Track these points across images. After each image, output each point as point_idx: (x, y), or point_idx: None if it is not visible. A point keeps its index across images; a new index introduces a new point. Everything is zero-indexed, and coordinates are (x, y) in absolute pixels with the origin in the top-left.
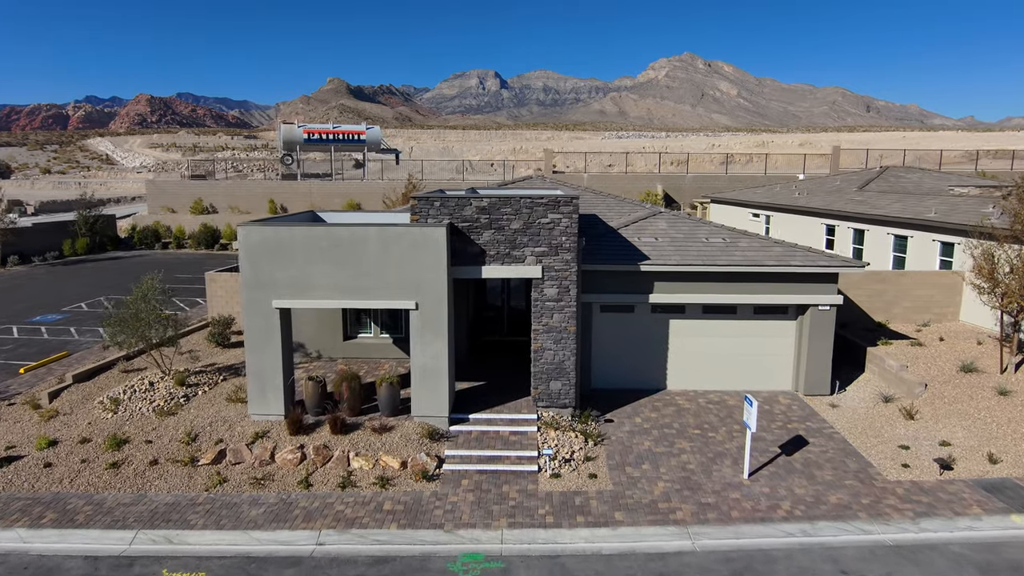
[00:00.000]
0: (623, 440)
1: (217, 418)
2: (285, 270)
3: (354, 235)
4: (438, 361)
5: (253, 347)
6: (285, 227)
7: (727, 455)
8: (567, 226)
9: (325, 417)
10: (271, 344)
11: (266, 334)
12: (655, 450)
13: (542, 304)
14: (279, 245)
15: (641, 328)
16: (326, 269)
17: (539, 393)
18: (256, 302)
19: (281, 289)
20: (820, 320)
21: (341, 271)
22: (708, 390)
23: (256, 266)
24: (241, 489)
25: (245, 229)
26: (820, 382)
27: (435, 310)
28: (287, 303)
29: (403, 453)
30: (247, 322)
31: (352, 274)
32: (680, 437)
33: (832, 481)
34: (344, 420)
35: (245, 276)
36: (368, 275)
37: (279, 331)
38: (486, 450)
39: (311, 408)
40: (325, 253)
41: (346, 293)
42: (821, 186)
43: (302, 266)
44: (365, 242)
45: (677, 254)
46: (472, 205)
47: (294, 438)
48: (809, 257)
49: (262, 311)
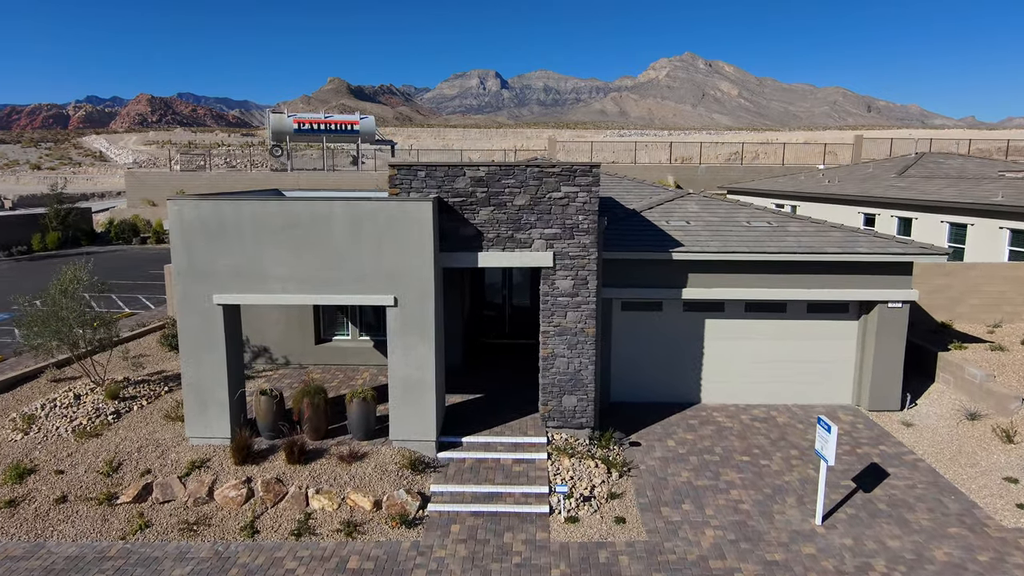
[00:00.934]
0: (655, 470)
1: (149, 441)
2: (229, 257)
3: (315, 212)
4: (423, 371)
5: (190, 354)
6: (228, 202)
7: (788, 490)
8: (585, 201)
9: (281, 441)
10: (212, 350)
11: (206, 337)
12: (696, 483)
13: (553, 300)
14: (221, 225)
15: (671, 330)
16: (281, 255)
17: (549, 410)
18: (192, 297)
19: (224, 281)
20: (889, 320)
21: (300, 258)
22: (751, 404)
23: (192, 251)
24: (167, 537)
25: (177, 204)
26: (888, 395)
27: (419, 306)
28: (232, 298)
29: (377, 489)
30: (181, 322)
31: (314, 262)
32: (726, 466)
33: (932, 528)
34: (304, 446)
35: (178, 264)
36: (334, 263)
37: (223, 333)
38: (483, 485)
39: (264, 430)
40: (280, 235)
41: (307, 286)
42: (851, 174)
43: (251, 252)
44: (329, 221)
45: (715, 240)
46: (466, 176)
47: (240, 469)
48: (878, 243)
49: (200, 308)
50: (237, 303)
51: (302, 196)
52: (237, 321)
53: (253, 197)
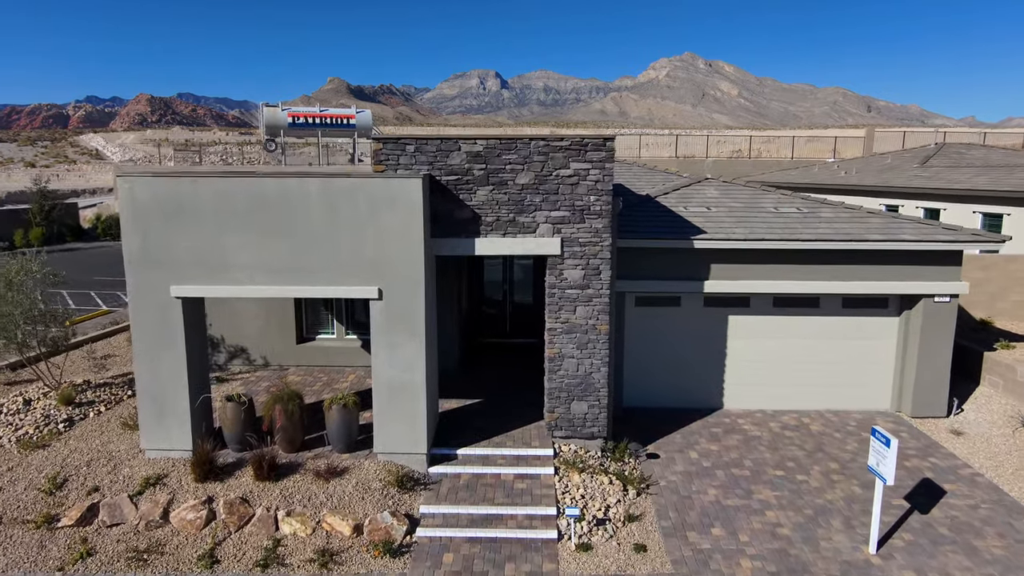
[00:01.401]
0: (677, 487)
1: (101, 453)
2: (188, 242)
3: (286, 190)
4: (411, 373)
5: (145, 354)
6: (187, 179)
7: (832, 511)
8: (597, 180)
9: (250, 454)
10: (171, 349)
11: (163, 335)
12: (725, 503)
13: (561, 292)
14: (179, 206)
15: (690, 327)
16: (248, 240)
17: (556, 418)
18: (146, 289)
19: (183, 270)
20: (935, 316)
21: (269, 244)
22: (780, 410)
23: (146, 236)
24: (112, 567)
25: (128, 181)
26: (933, 400)
27: (407, 300)
28: (192, 290)
29: (358, 511)
30: (134, 318)
31: (286, 248)
32: (757, 482)
33: (1007, 559)
34: (274, 460)
35: (130, 251)
36: (309, 249)
37: (182, 330)
38: (481, 505)
39: (231, 441)
40: (246, 217)
41: (277, 276)
42: (868, 165)
43: (213, 237)
44: (304, 201)
45: (741, 227)
46: (462, 151)
47: (201, 487)
48: (924, 230)
49: (156, 301)
50: (198, 295)
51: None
52: (199, 316)
53: (217, 173)
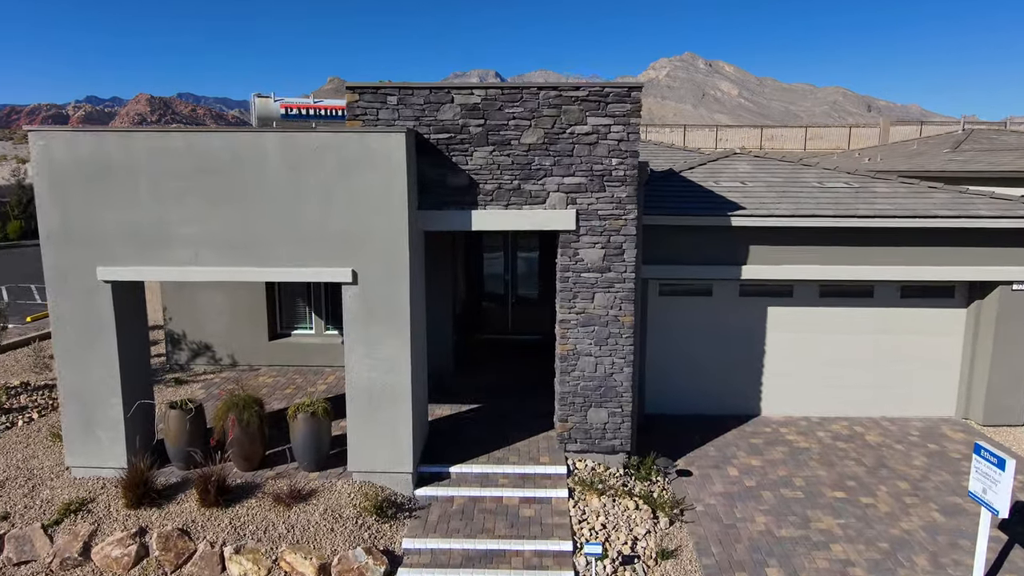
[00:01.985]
0: (718, 513)
1: (21, 471)
2: (119, 213)
3: (239, 150)
4: (394, 375)
5: (67, 352)
6: (116, 134)
7: (914, 545)
8: (621, 139)
9: (196, 473)
10: (99, 345)
11: (89, 327)
12: (779, 533)
13: (576, 277)
14: (106, 168)
15: (723, 321)
16: (193, 211)
17: (570, 428)
18: (67, 271)
19: (113, 247)
20: (1012, 307)
21: (218, 214)
22: (827, 417)
23: (67, 207)
24: None
25: (44, 138)
26: (1009, 405)
27: (388, 284)
28: (124, 272)
29: (325, 546)
30: (54, 308)
31: (239, 219)
32: (814, 506)
33: None
34: (224, 481)
35: (47, 225)
36: (266, 220)
37: (112, 322)
38: (478, 538)
39: (176, 457)
40: (189, 182)
41: (228, 254)
42: (894, 152)
43: (149, 206)
44: (261, 163)
45: (784, 202)
46: (455, 103)
47: (133, 514)
48: (1000, 205)
49: (80, 286)
50: (132, 279)
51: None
52: (136, 305)
53: (152, 129)
